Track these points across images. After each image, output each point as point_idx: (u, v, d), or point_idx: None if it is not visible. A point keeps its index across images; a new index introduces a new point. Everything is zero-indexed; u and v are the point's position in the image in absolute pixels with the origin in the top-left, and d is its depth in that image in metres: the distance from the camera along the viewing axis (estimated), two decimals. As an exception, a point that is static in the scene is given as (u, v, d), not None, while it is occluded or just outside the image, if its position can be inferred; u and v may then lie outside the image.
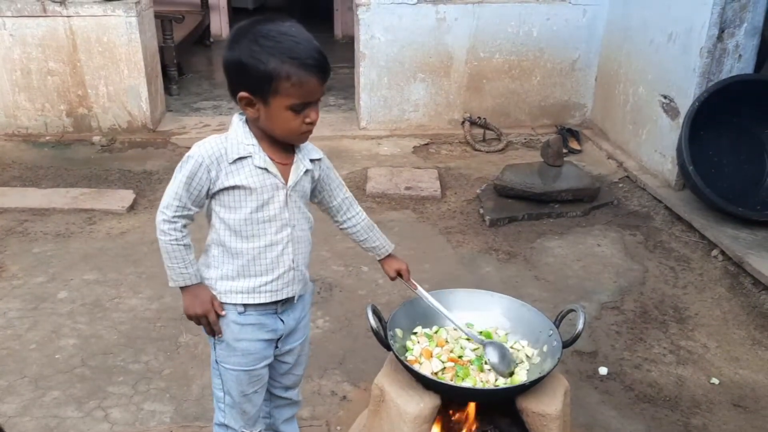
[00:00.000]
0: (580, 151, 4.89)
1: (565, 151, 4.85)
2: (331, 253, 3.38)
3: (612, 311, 3.01)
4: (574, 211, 3.89)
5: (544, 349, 1.85)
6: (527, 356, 1.86)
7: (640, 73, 4.38)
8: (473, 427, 1.81)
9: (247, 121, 1.59)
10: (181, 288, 1.65)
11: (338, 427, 2.24)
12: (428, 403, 1.74)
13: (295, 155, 1.64)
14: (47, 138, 4.86)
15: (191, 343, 2.71)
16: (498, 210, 3.86)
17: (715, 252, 3.39)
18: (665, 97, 4.06)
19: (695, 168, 3.49)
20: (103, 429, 2.24)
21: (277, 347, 1.78)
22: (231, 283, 1.65)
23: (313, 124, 1.56)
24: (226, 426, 1.83)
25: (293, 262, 1.67)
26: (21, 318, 2.85)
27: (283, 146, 1.61)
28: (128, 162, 4.62)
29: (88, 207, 3.87)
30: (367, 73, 4.97)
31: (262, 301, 1.66)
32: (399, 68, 4.96)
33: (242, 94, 1.50)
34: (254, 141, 1.57)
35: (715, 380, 2.58)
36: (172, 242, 1.58)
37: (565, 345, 1.80)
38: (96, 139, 4.87)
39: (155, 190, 4.16)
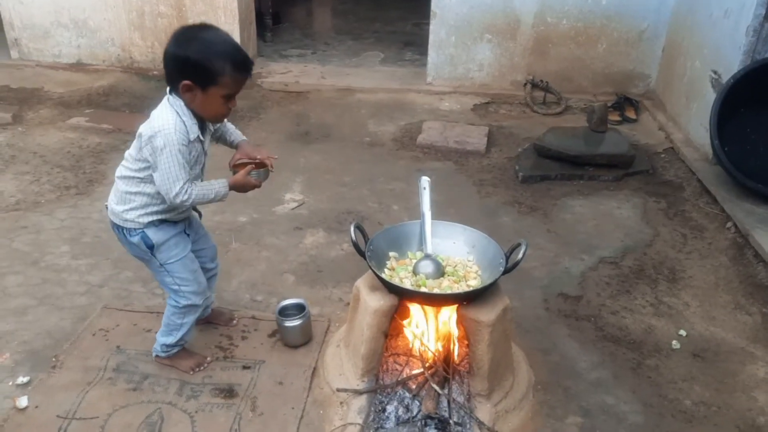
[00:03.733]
0: (635, 121, 5.01)
1: (620, 119, 5.02)
2: (370, 192, 3.84)
3: (609, 266, 3.29)
4: (607, 176, 4.10)
5: (496, 273, 2.24)
6: (477, 273, 2.27)
7: (698, 47, 4.44)
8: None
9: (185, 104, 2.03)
10: (229, 191, 2.19)
11: (336, 324, 2.75)
12: (387, 301, 2.20)
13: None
14: (154, 72, 5.60)
15: (239, 249, 3.29)
16: (533, 168, 4.15)
17: (729, 224, 3.55)
18: (715, 73, 4.14)
19: (720, 142, 3.62)
20: (157, 303, 2.87)
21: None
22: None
23: (232, 110, 2.06)
24: (193, 305, 2.40)
25: None
26: (112, 216, 3.54)
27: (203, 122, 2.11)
28: (218, 99, 5.25)
29: (178, 134, 4.53)
30: (436, 31, 5.30)
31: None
32: (467, 28, 5.25)
33: (186, 82, 1.96)
34: (197, 124, 2.05)
35: (683, 332, 2.83)
36: (196, 194, 2.09)
37: (506, 271, 2.18)
38: (194, 76, 5.54)
39: (234, 122, 4.75)
